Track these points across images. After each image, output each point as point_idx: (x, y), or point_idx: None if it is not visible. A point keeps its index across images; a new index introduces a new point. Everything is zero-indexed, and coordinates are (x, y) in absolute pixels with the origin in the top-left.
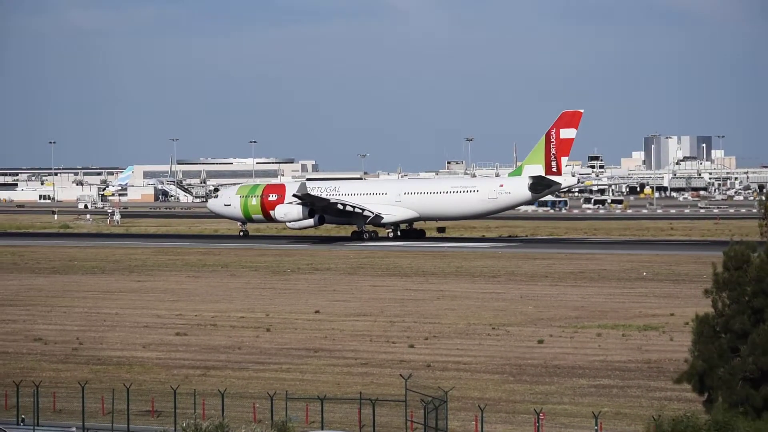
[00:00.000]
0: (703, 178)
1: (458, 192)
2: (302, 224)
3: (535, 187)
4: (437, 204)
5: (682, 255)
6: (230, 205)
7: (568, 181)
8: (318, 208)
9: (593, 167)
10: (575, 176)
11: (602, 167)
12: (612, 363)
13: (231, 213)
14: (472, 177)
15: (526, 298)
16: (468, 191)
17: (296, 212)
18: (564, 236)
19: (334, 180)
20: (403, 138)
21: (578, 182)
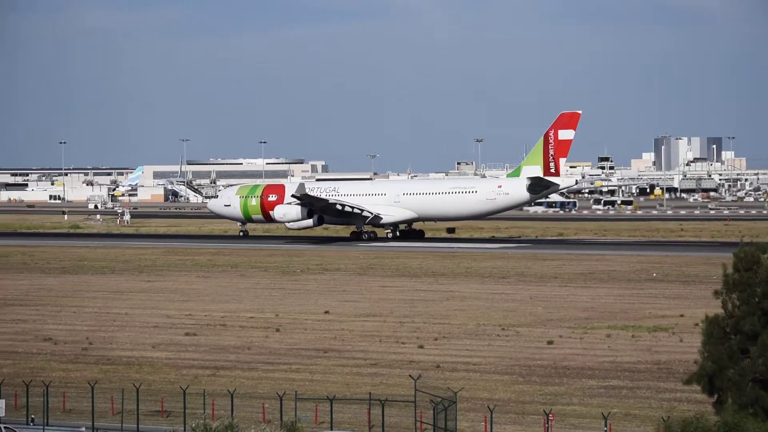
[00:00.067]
0: (714, 180)
1: (457, 193)
2: (301, 224)
3: (534, 188)
4: (436, 204)
5: (692, 256)
6: (230, 206)
7: (566, 182)
8: (317, 209)
9: (603, 168)
10: (585, 177)
11: (612, 168)
12: (621, 364)
13: (231, 213)
14: (482, 178)
15: (536, 299)
16: (467, 192)
17: (295, 212)
18: (574, 237)
19: (344, 181)
20: (413, 139)
21: (576, 183)
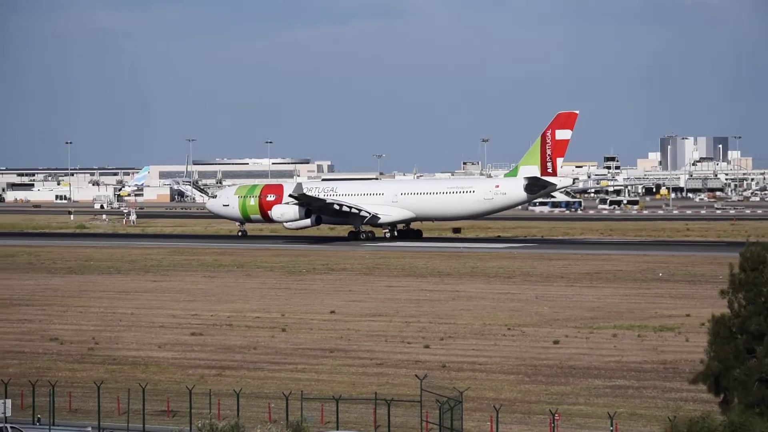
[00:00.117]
0: (720, 179)
1: (454, 192)
2: (299, 224)
3: (531, 188)
4: (433, 204)
5: (698, 256)
6: (229, 206)
7: (564, 182)
8: (315, 209)
9: (609, 168)
10: (591, 177)
11: (618, 168)
12: (627, 364)
13: (229, 213)
14: (488, 177)
15: (542, 299)
16: (464, 192)
17: (293, 212)
18: (580, 237)
19: (349, 180)
20: (419, 139)
21: (573, 182)
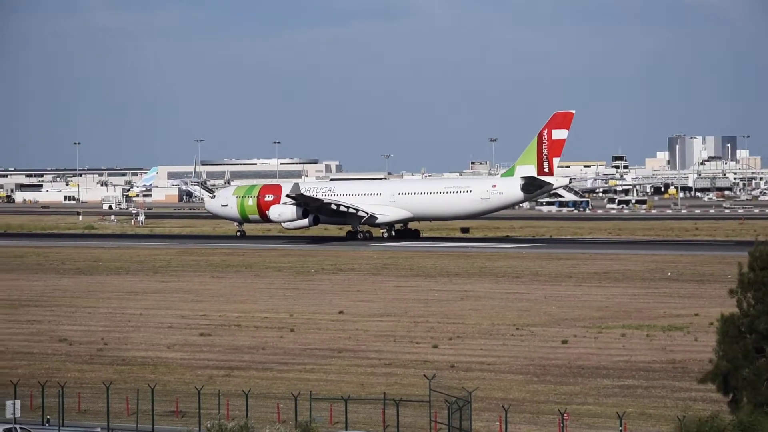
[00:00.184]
0: (728, 178)
1: (451, 192)
2: (297, 224)
3: (527, 188)
4: (431, 204)
5: (707, 255)
6: (227, 206)
7: (560, 182)
8: (312, 209)
9: (617, 167)
10: (599, 177)
11: (626, 167)
12: (636, 363)
13: (228, 213)
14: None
15: (550, 299)
16: (461, 192)
17: (290, 212)
18: (588, 236)
19: (357, 180)
20: (428, 138)
21: (569, 182)
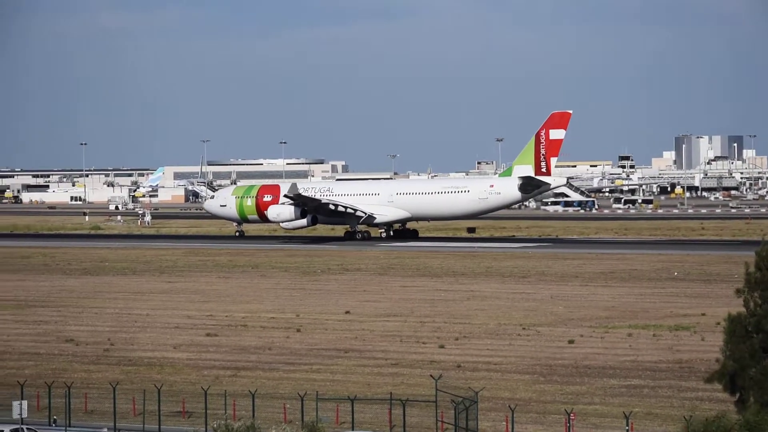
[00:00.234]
0: (735, 178)
1: (449, 192)
2: (295, 224)
3: (525, 188)
4: (429, 204)
5: (714, 255)
6: (226, 206)
7: (557, 181)
8: (310, 209)
9: (624, 167)
10: (605, 177)
11: (633, 167)
12: (643, 363)
13: (227, 213)
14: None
15: (557, 299)
16: (459, 192)
17: (288, 213)
18: (594, 236)
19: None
20: (434, 138)
21: (567, 182)
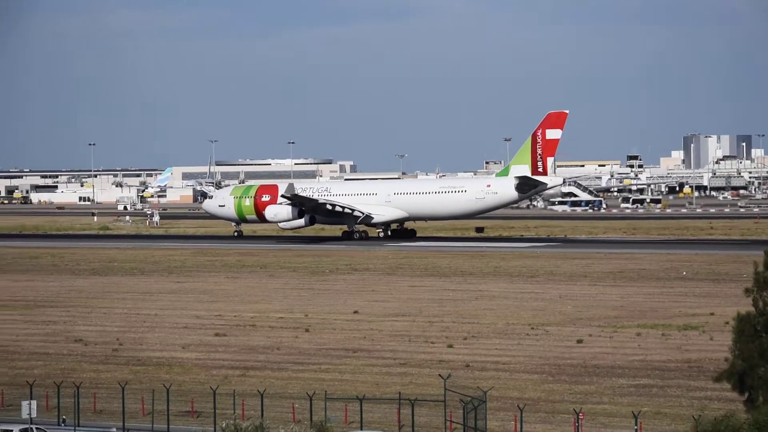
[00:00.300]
0: (743, 177)
1: (447, 192)
2: (293, 224)
3: (522, 187)
4: (426, 204)
5: (722, 254)
6: (224, 206)
7: (554, 181)
8: (308, 209)
9: (632, 166)
10: (613, 176)
11: (641, 166)
12: (652, 363)
13: (225, 213)
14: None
15: (565, 298)
16: (456, 191)
17: (286, 213)
18: (603, 236)
19: (366, 180)
20: (442, 138)
21: (564, 181)
